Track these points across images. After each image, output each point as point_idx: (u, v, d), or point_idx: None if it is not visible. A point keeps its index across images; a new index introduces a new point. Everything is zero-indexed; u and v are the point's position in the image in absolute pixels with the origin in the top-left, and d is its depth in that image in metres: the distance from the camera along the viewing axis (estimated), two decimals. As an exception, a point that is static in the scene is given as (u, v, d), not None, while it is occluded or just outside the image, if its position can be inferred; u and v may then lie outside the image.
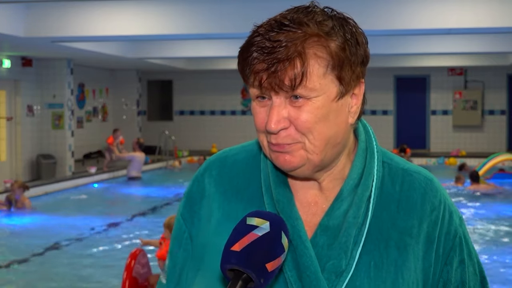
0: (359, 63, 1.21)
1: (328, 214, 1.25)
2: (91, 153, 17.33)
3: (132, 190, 13.46)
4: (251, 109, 1.25)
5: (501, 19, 9.43)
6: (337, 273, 1.22)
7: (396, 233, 1.26)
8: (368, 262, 1.23)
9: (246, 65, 1.19)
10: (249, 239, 1.09)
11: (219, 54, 14.30)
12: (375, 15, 9.42)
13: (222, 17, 9.96)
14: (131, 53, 14.15)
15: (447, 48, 13.86)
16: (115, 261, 7.23)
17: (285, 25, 1.17)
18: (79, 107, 16.95)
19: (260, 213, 1.13)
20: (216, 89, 19.87)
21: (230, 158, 1.37)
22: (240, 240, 1.09)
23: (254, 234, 1.09)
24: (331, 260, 1.22)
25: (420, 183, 1.30)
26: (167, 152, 18.06)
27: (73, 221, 9.75)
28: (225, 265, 1.09)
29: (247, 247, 1.08)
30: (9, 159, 14.12)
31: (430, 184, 1.31)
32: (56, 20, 10.24)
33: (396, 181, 1.30)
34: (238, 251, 1.08)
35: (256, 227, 1.10)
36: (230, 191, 1.33)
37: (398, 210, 1.28)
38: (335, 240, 1.23)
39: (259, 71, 1.17)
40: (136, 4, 10.20)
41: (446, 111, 19.13)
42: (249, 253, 1.08)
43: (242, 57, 1.20)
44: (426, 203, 1.29)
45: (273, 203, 1.27)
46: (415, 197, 1.29)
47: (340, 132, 1.22)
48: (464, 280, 1.30)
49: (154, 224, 9.40)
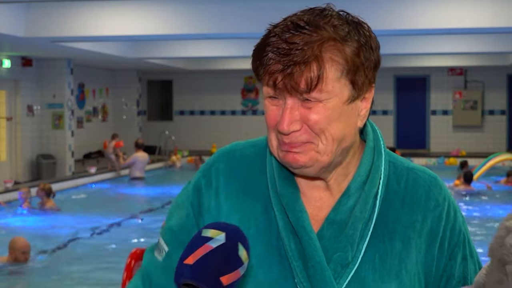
0: (372, 68, 1.24)
1: (335, 209, 1.28)
2: (91, 153, 17.32)
3: (134, 190, 13.47)
4: (263, 107, 1.26)
5: (501, 19, 9.43)
6: (343, 265, 1.25)
7: (401, 227, 1.30)
8: (373, 254, 1.27)
9: (261, 64, 1.20)
10: (203, 251, 1.05)
11: (219, 54, 14.30)
12: (375, 15, 9.42)
13: (222, 17, 9.96)
14: (131, 53, 14.15)
15: (447, 48, 13.86)
16: (115, 261, 7.23)
17: (301, 27, 1.18)
18: (79, 107, 16.95)
19: (216, 225, 1.09)
20: (216, 89, 19.87)
21: (238, 152, 1.38)
22: (193, 252, 1.05)
23: (208, 246, 1.05)
24: (338, 252, 1.25)
25: (424, 180, 1.34)
26: (167, 152, 18.06)
27: (73, 221, 9.74)
28: (178, 279, 1.05)
29: (200, 260, 1.04)
30: (9, 159, 14.12)
31: (434, 182, 1.35)
32: (56, 20, 10.24)
33: (401, 179, 1.33)
34: (191, 264, 1.04)
35: (211, 238, 1.06)
36: (237, 185, 1.34)
37: (402, 206, 1.31)
38: (342, 233, 1.26)
39: (274, 71, 1.18)
40: (136, 4, 10.20)
41: (446, 111, 19.13)
42: (203, 266, 1.04)
43: (257, 56, 1.21)
44: (431, 200, 1.32)
45: (278, 197, 1.29)
46: (419, 193, 1.33)
47: (349, 135, 1.24)
48: (466, 276, 1.33)
49: (154, 224, 9.40)
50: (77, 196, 12.32)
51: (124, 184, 14.11)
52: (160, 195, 12.51)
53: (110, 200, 12.12)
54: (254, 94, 19.72)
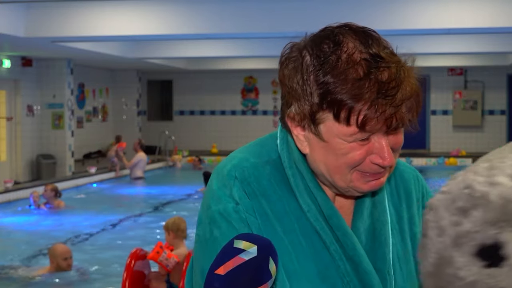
0: None
1: (358, 217, 1.28)
2: (91, 153, 17.32)
3: (134, 190, 13.47)
4: (335, 146, 1.18)
5: (501, 19, 9.42)
6: (388, 273, 1.27)
7: (405, 224, 1.32)
8: (396, 256, 1.29)
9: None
10: (234, 263, 1.05)
11: (219, 54, 14.30)
12: (375, 15, 9.42)
13: (222, 17, 9.96)
14: (131, 53, 14.14)
15: (447, 48, 13.86)
16: (115, 261, 7.23)
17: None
18: (79, 107, 16.95)
19: (248, 236, 1.09)
20: (216, 89, 19.87)
21: (252, 175, 1.27)
22: (225, 263, 1.05)
23: (240, 258, 1.05)
24: (377, 261, 1.26)
25: (409, 174, 1.38)
26: (167, 152, 18.06)
27: (73, 221, 9.75)
28: None
29: (231, 271, 1.04)
30: (9, 159, 14.12)
31: (416, 174, 1.40)
32: (56, 20, 10.24)
33: (390, 177, 1.34)
34: (223, 275, 1.04)
35: (243, 250, 1.06)
36: (264, 211, 1.24)
37: (400, 202, 1.34)
38: (375, 242, 1.27)
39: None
40: (136, 4, 10.20)
41: (446, 111, 19.13)
42: (233, 278, 1.04)
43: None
44: (418, 192, 1.37)
45: (320, 216, 1.25)
46: (409, 188, 1.36)
47: None
48: None
49: (155, 224, 9.40)
50: (77, 196, 12.32)
51: (124, 184, 14.11)
52: (160, 195, 12.51)
53: (110, 200, 12.12)
54: (254, 94, 19.71)
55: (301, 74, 1.18)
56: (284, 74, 1.21)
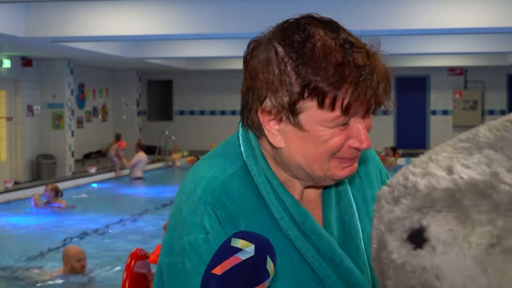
0: None
1: (327, 211, 1.28)
2: (91, 153, 17.32)
3: (134, 190, 13.46)
4: (312, 137, 1.17)
5: (501, 19, 9.42)
6: (362, 261, 1.29)
7: (371, 205, 1.31)
8: (368, 241, 1.28)
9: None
10: (232, 263, 1.03)
11: (219, 54, 14.30)
12: (375, 15, 9.42)
13: (222, 17, 9.96)
14: (131, 53, 14.15)
15: (447, 48, 13.86)
16: (115, 261, 7.23)
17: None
18: (79, 107, 16.95)
19: (246, 234, 1.07)
20: (216, 89, 19.87)
21: (223, 194, 1.23)
22: (222, 263, 1.03)
23: (237, 258, 1.03)
24: (349, 254, 1.27)
25: (365, 155, 1.37)
26: (167, 152, 18.06)
27: (73, 221, 9.75)
28: None
29: (228, 271, 1.03)
30: (9, 159, 14.12)
31: (371, 153, 1.40)
32: (56, 20, 10.24)
33: None
34: (219, 275, 1.03)
35: (240, 249, 1.04)
36: (236, 226, 1.22)
37: (362, 184, 1.35)
38: (347, 235, 1.28)
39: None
40: (136, 4, 10.20)
41: (446, 111, 19.13)
42: (230, 278, 1.03)
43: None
44: (376, 170, 1.39)
45: (292, 222, 1.24)
46: (368, 167, 1.37)
47: None
48: None
49: (155, 224, 9.40)
50: (77, 196, 12.31)
51: (124, 184, 14.11)
52: (160, 195, 12.51)
53: (110, 200, 12.12)
54: (254, 94, 19.71)
55: (276, 65, 1.15)
56: (254, 66, 1.18)
